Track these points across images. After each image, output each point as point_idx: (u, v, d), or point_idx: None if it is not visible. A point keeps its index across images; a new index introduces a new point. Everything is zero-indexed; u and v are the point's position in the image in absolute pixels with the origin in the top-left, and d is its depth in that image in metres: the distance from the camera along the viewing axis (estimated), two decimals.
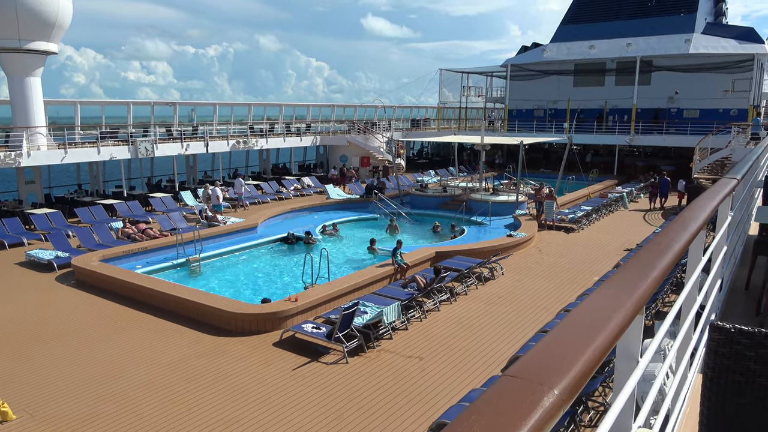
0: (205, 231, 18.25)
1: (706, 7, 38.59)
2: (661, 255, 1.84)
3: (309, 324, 10.64)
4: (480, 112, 49.18)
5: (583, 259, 16.29)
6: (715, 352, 1.73)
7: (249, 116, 34.19)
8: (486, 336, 10.66)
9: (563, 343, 1.16)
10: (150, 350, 10.02)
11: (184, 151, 26.53)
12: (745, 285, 4.92)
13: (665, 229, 2.25)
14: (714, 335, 1.74)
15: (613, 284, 1.55)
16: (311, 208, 24.05)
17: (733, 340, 1.70)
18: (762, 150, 7.22)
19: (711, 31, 34.97)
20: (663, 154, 36.24)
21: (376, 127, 38.26)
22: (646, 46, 34.62)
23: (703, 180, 25.50)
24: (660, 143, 34.27)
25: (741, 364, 1.69)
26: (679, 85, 35.02)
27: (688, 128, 32.27)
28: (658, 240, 2.03)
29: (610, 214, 23.37)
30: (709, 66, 33.21)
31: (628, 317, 1.34)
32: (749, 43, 32.61)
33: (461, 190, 26.00)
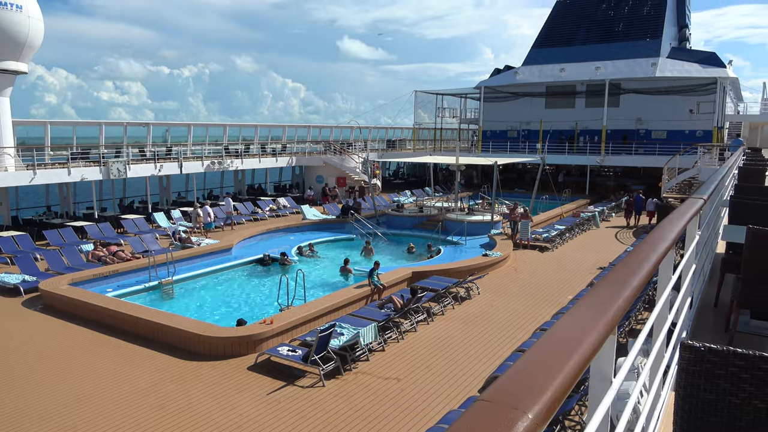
0: (179, 253, 17.95)
1: (670, 32, 40.02)
2: (632, 275, 1.86)
3: (285, 347, 10.48)
4: (455, 132, 49.81)
5: (557, 278, 16.46)
6: (686, 370, 1.75)
7: (224, 137, 34.02)
8: (463, 356, 10.64)
9: (536, 366, 1.16)
10: (119, 376, 9.73)
11: (157, 172, 26.19)
12: (714, 302, 5.02)
13: (635, 249, 2.29)
14: (685, 354, 1.76)
15: (585, 305, 1.56)
16: (287, 229, 23.88)
17: (704, 358, 1.72)
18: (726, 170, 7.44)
19: (676, 56, 36.24)
20: (633, 174, 37.09)
21: (352, 147, 38.42)
22: (614, 70, 35.68)
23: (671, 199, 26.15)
24: (630, 163, 35.10)
25: (711, 383, 1.71)
26: (646, 107, 36.04)
27: (656, 149, 33.16)
28: (628, 260, 2.06)
29: (583, 233, 23.74)
30: (674, 89, 34.33)
31: (601, 338, 1.35)
32: (712, 67, 33.85)
33: (437, 210, 26.15)
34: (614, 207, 29.30)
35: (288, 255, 18.77)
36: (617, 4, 41.68)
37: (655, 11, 39.38)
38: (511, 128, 41.24)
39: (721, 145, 29.94)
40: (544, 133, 38.18)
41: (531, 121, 40.34)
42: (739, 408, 1.66)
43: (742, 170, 9.75)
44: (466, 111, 47.41)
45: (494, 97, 40.76)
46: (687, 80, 33.97)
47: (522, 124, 40.91)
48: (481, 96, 40.83)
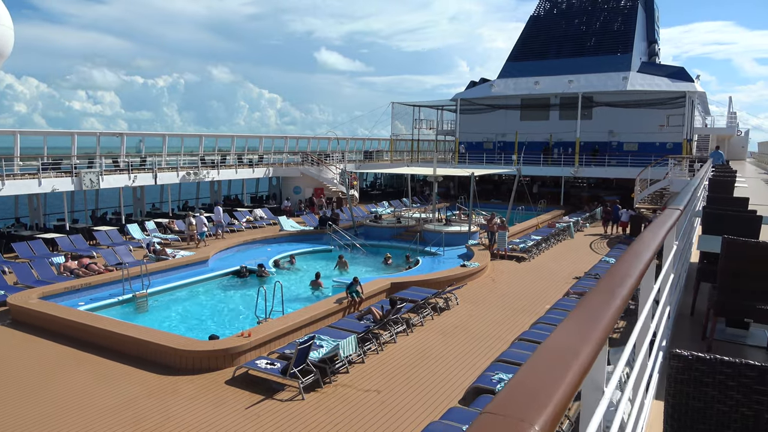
0: (153, 265, 17.64)
1: (640, 47, 41.13)
2: (620, 285, 1.89)
3: (263, 360, 10.35)
4: (432, 144, 50.18)
5: (534, 288, 16.61)
6: (675, 379, 1.78)
7: (200, 147, 33.66)
8: (443, 367, 10.64)
9: (538, 378, 1.17)
10: (92, 393, 9.47)
11: (131, 182, 25.77)
12: (691, 311, 5.12)
13: (620, 260, 2.32)
14: (674, 362, 1.79)
15: (577, 316, 1.58)
16: (264, 241, 23.68)
17: (692, 366, 1.75)
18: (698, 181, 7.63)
19: (646, 70, 37.24)
20: (606, 185, 37.83)
21: (329, 158, 38.38)
22: (587, 83, 36.47)
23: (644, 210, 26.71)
24: (603, 175, 35.80)
25: (700, 391, 1.74)
26: (618, 120, 36.88)
27: (628, 160, 33.89)
28: (615, 271, 2.09)
29: (559, 243, 24.05)
30: (645, 102, 35.23)
31: (597, 348, 1.37)
32: (681, 81, 34.87)
33: (415, 221, 26.24)
34: (588, 217, 29.79)
35: (265, 267, 18.59)
36: (589, 19, 42.70)
37: (626, 27, 40.45)
38: (487, 140, 41.74)
39: (691, 157, 30.76)
40: (520, 144, 38.74)
41: (506, 132, 40.92)
42: (727, 415, 1.69)
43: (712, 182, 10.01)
44: (443, 123, 47.86)
45: (470, 109, 41.26)
46: (657, 94, 34.89)
47: (498, 135, 41.45)
48: (458, 108, 41.31)
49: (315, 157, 36.79)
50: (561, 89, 37.19)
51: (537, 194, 35.77)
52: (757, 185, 20.55)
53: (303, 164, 35.81)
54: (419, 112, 46.01)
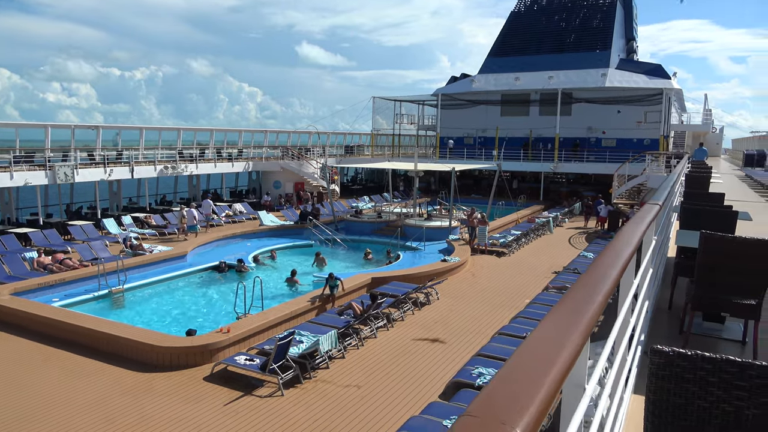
0: (130, 260, 17.35)
1: (618, 44, 41.55)
2: (602, 281, 1.87)
3: (242, 356, 10.24)
4: (413, 139, 50.16)
5: (514, 283, 16.73)
6: (656, 375, 1.76)
7: (178, 141, 33.14)
8: (423, 361, 10.65)
9: (520, 378, 1.13)
10: (65, 390, 9.27)
11: (107, 176, 25.27)
12: (668, 305, 5.17)
13: (601, 256, 2.30)
14: (655, 359, 1.77)
15: (559, 313, 1.55)
16: (243, 236, 23.45)
17: (673, 363, 1.73)
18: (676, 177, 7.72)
19: (624, 67, 37.65)
20: (584, 181, 38.22)
21: (310, 153, 38.12)
22: (566, 79, 36.73)
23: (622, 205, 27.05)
24: (581, 170, 36.16)
25: (681, 387, 1.72)
26: (596, 116, 37.24)
27: (606, 156, 34.28)
28: (596, 267, 2.07)
29: (538, 238, 24.24)
30: (623, 99, 35.61)
31: (579, 345, 1.34)
32: (658, 78, 35.32)
33: (396, 215, 26.21)
34: (567, 213, 30.09)
35: (245, 262, 18.41)
36: (569, 16, 42.99)
37: (605, 24, 40.81)
38: (468, 135, 41.85)
39: (667, 153, 31.22)
40: (500, 140, 38.92)
41: (487, 128, 41.06)
42: (708, 411, 1.68)
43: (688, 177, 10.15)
44: (424, 117, 47.83)
45: (451, 104, 41.29)
46: (635, 90, 35.30)
47: (478, 131, 41.59)
48: (438, 103, 41.32)
49: (295, 151, 36.52)
50: (541, 85, 37.41)
51: (517, 189, 36.02)
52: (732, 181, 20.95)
53: (283, 158, 35.52)
54: (400, 107, 45.93)
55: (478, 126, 41.36)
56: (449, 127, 41.37)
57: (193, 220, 22.85)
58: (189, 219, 22.73)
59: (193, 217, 22.92)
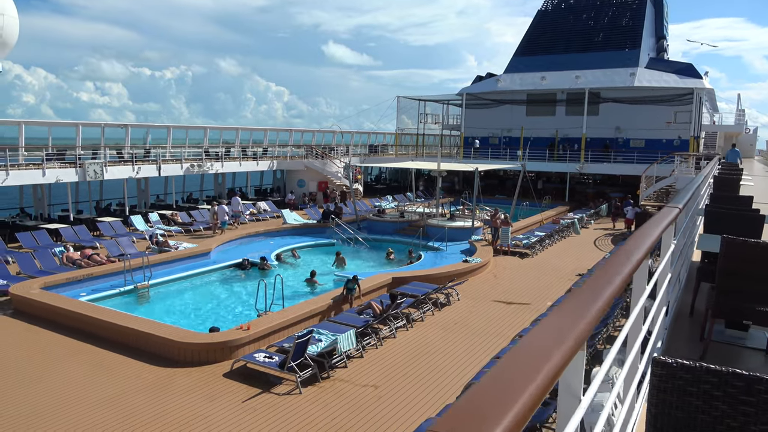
0: (156, 257, 17.63)
1: (648, 43, 40.65)
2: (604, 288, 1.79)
3: (261, 353, 10.31)
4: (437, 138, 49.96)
5: (536, 284, 16.50)
6: (657, 387, 1.69)
7: (204, 139, 33.63)
8: (441, 363, 10.57)
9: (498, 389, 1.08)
10: (89, 384, 9.46)
11: (135, 174, 25.78)
12: (690, 311, 5.01)
13: (609, 260, 2.23)
14: (656, 370, 1.70)
15: (553, 320, 1.49)
16: (267, 234, 23.64)
17: (675, 375, 1.66)
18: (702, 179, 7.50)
19: (653, 66, 36.81)
20: (611, 182, 37.51)
21: (334, 152, 38.27)
22: (593, 79, 36.08)
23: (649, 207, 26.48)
24: (608, 171, 35.48)
25: (683, 400, 1.65)
26: (625, 116, 36.50)
27: (634, 157, 33.57)
28: (601, 272, 2.00)
29: (563, 239, 23.88)
30: (652, 98, 34.83)
31: (567, 357, 1.28)
32: (689, 78, 34.43)
33: (418, 215, 26.12)
34: (593, 214, 29.58)
35: (267, 259, 18.56)
36: (597, 14, 42.23)
37: (634, 22, 39.97)
38: (493, 135, 41.48)
39: (697, 154, 30.44)
40: (525, 140, 38.45)
41: (512, 128, 40.62)
42: (712, 427, 1.60)
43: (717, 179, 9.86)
44: (449, 117, 47.59)
45: (476, 103, 40.97)
46: (664, 90, 34.49)
47: (503, 131, 41.17)
48: (463, 102, 41.02)
49: (319, 150, 36.68)
50: (568, 85, 36.83)
51: (542, 190, 35.52)
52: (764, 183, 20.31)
53: (307, 157, 35.72)
54: (425, 107, 45.77)
55: (503, 126, 40.94)
56: (474, 126, 41.07)
57: (225, 216, 23.59)
58: (221, 215, 23.46)
59: (224, 213, 23.67)
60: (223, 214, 23.54)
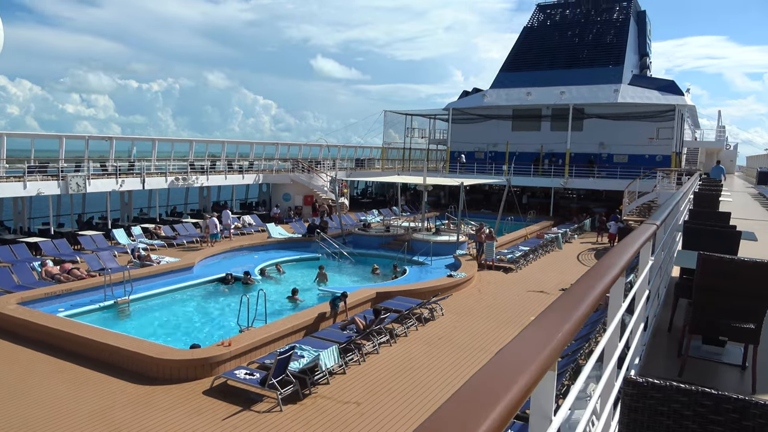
0: (137, 271, 17.41)
1: (632, 60, 41.43)
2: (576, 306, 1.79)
3: (242, 370, 10.17)
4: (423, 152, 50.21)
5: (520, 299, 16.53)
6: (629, 407, 1.68)
7: (190, 153, 33.45)
8: (425, 378, 10.50)
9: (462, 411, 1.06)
10: (67, 402, 9.25)
11: (118, 187, 25.51)
12: (668, 327, 5.04)
13: (583, 277, 2.23)
14: (628, 389, 1.69)
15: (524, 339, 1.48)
16: (251, 248, 23.47)
17: (647, 394, 1.65)
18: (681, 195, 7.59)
19: (637, 83, 37.47)
20: (595, 197, 37.92)
21: (320, 165, 38.26)
22: (578, 95, 36.62)
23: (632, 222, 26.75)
24: (592, 186, 35.88)
25: (654, 420, 1.64)
26: (608, 132, 37.02)
27: (617, 172, 33.98)
28: (574, 289, 1.99)
29: (547, 254, 24.00)
30: (635, 115, 35.34)
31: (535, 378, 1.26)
32: (671, 94, 35.08)
33: (404, 229, 26.14)
34: (577, 229, 29.82)
35: (251, 274, 18.41)
36: (582, 31, 43.00)
37: (618, 39, 40.73)
38: (478, 149, 41.80)
39: (679, 170, 30.89)
40: (511, 155, 38.78)
41: (498, 143, 40.97)
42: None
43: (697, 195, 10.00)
44: (435, 132, 47.89)
45: (462, 118, 41.29)
46: (647, 107, 35.05)
47: (489, 145, 41.51)
48: (450, 117, 41.33)
49: (306, 164, 36.66)
50: (553, 100, 37.31)
51: (526, 205, 35.80)
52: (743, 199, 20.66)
53: (293, 171, 35.68)
54: (412, 121, 46.04)
55: (489, 140, 41.29)
56: (460, 141, 41.35)
57: (215, 229, 23.78)
58: (212, 227, 23.65)
59: (215, 225, 23.86)
60: (214, 227, 23.66)
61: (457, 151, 41.26)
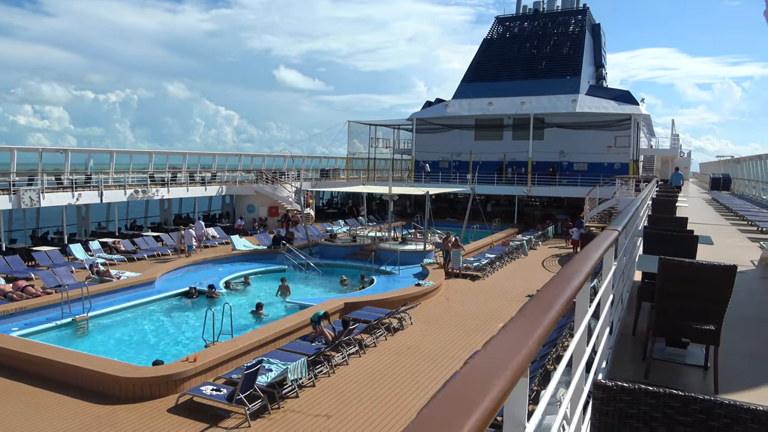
0: (96, 287, 16.88)
1: (588, 71, 42.67)
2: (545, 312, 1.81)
3: (208, 386, 9.95)
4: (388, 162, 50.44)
5: (488, 306, 16.70)
6: (600, 411, 1.71)
7: (150, 165, 32.74)
8: (395, 388, 10.48)
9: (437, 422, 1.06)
10: (23, 426, 8.86)
11: (75, 200, 24.74)
12: (632, 330, 5.16)
13: (550, 283, 2.26)
14: (598, 393, 1.72)
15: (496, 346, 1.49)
16: (215, 260, 23.08)
17: (616, 398, 1.68)
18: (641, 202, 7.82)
19: (593, 93, 38.57)
20: (557, 204, 38.74)
21: (284, 176, 37.99)
22: (538, 105, 37.47)
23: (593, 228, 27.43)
24: (554, 194, 36.67)
25: (624, 423, 1.67)
26: (568, 141, 37.94)
27: (578, 180, 34.84)
28: (541, 296, 2.02)
29: (512, 261, 24.35)
30: (593, 124, 36.39)
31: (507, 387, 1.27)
32: (626, 104, 36.25)
33: (370, 239, 26.13)
34: (541, 236, 30.37)
35: (216, 288, 18.08)
36: (540, 43, 44.07)
37: (574, 51, 41.91)
38: (443, 159, 42.23)
39: (636, 177, 31.88)
40: (474, 164, 39.31)
41: (461, 152, 41.48)
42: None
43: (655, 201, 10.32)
44: (400, 141, 48.19)
45: (426, 128, 41.72)
46: (604, 116, 36.12)
47: (453, 155, 41.98)
48: (414, 127, 41.69)
49: (270, 175, 36.34)
50: (514, 110, 38.07)
51: (491, 213, 36.28)
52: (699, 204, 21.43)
53: (257, 182, 35.31)
54: (376, 131, 46.24)
55: (453, 150, 41.76)
56: (424, 151, 41.72)
57: (191, 240, 23.46)
58: (188, 239, 23.33)
59: (191, 236, 23.53)
60: (190, 238, 23.39)
61: (422, 161, 41.57)
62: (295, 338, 13.16)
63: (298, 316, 14.18)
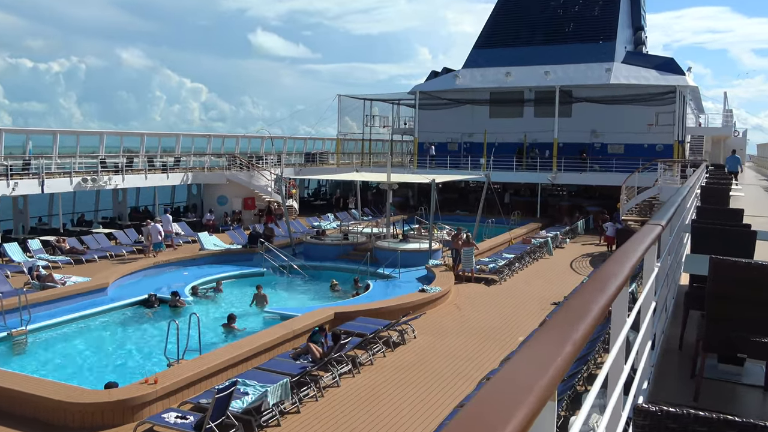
0: (36, 295, 16.92)
1: (625, 34, 42.55)
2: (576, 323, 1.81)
3: (172, 413, 10.00)
4: (386, 145, 50.45)
5: (506, 316, 16.79)
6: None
7: (101, 147, 32.70)
8: (395, 414, 10.54)
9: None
10: None
11: (10, 191, 24.67)
12: (679, 344, 5.17)
13: (582, 290, 2.26)
14: (638, 420, 1.72)
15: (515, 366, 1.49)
16: (180, 262, 23.12)
17: (660, 425, 1.68)
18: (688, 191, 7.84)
19: (631, 61, 38.48)
20: (588, 194, 38.77)
21: (262, 162, 37.98)
22: (564, 75, 37.29)
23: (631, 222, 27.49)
24: (584, 181, 36.68)
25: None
26: (601, 118, 37.85)
27: (613, 165, 34.81)
28: (572, 304, 2.02)
29: (534, 262, 24.45)
30: (631, 98, 36.26)
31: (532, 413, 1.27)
32: (670, 74, 36.13)
33: (365, 237, 26.16)
34: (569, 231, 30.42)
35: (180, 295, 18.12)
36: (567, 2, 43.89)
37: (608, 11, 41.76)
38: (452, 140, 42.20)
39: (683, 161, 31.90)
40: (489, 146, 39.26)
41: (474, 132, 41.44)
42: None
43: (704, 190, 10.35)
44: (400, 119, 48.16)
45: (432, 104, 41.62)
46: (644, 88, 35.97)
47: (464, 135, 41.96)
48: (417, 102, 41.59)
49: (245, 160, 36.33)
50: (536, 82, 37.96)
51: (509, 204, 36.30)
52: (756, 193, 21.50)
53: (230, 169, 35.30)
54: (371, 107, 46.19)
55: (464, 130, 41.74)
56: (429, 131, 41.68)
57: (158, 237, 23.53)
58: (154, 235, 23.32)
59: (158, 232, 23.58)
60: (156, 234, 23.44)
61: (427, 143, 41.55)
62: (276, 355, 13.21)
63: (280, 328, 14.23)
